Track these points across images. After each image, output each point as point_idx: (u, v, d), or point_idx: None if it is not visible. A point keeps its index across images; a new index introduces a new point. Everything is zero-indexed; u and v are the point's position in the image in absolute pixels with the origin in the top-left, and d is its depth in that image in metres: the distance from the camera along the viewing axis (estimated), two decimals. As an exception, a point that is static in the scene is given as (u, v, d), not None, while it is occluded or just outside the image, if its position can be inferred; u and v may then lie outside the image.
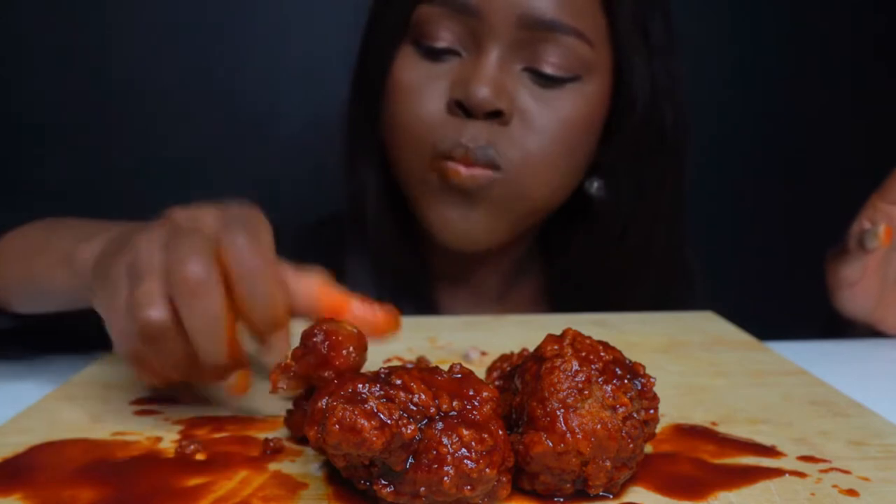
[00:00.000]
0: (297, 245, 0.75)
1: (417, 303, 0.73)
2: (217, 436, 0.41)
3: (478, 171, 0.63)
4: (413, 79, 0.65)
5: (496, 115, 0.63)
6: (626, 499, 0.34)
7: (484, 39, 0.62)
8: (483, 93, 0.61)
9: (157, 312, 0.38)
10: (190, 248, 0.38)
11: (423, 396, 0.31)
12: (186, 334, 0.38)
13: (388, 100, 0.67)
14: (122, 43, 1.15)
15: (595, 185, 0.72)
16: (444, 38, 0.63)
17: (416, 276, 0.75)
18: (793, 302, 0.76)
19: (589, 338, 0.35)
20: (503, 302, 0.77)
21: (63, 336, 0.60)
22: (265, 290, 0.39)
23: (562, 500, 0.34)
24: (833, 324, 0.68)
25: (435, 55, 0.64)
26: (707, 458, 0.38)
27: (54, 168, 1.17)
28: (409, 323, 0.65)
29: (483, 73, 0.62)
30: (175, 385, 0.43)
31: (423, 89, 0.65)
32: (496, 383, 0.39)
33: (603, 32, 0.65)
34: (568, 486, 0.33)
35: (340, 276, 0.75)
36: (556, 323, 0.65)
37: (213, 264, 0.38)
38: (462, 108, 0.63)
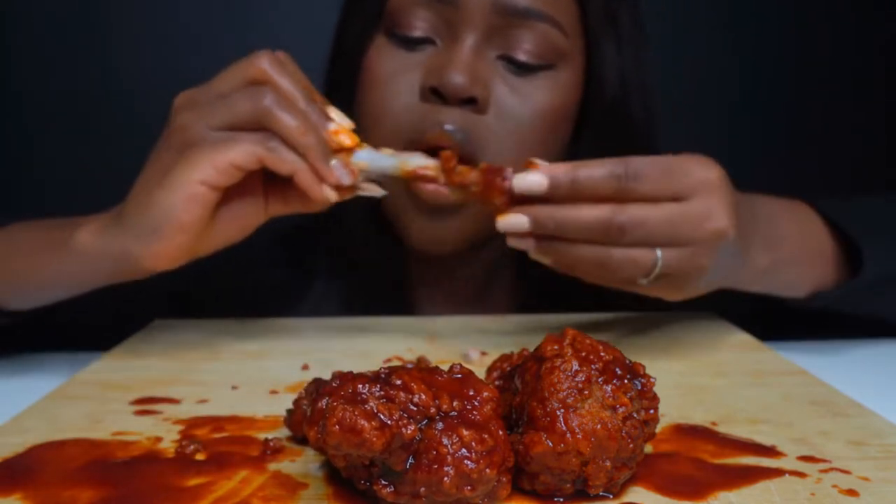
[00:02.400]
0: (270, 251, 0.74)
1: (392, 306, 0.72)
2: (217, 436, 0.41)
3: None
4: (386, 68, 0.64)
5: (471, 102, 0.62)
6: (626, 499, 0.34)
7: (458, 27, 0.62)
8: (459, 79, 0.60)
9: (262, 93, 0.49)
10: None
11: (423, 397, 0.31)
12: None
13: (361, 90, 0.66)
14: (122, 43, 1.15)
15: None
16: (419, 27, 0.63)
17: (391, 279, 0.74)
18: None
19: (589, 338, 0.35)
20: (479, 304, 0.76)
21: (57, 332, 0.60)
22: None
23: (562, 500, 0.34)
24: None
25: (409, 44, 0.64)
26: (707, 458, 0.38)
27: (54, 168, 1.17)
28: (409, 323, 0.66)
29: (458, 59, 0.61)
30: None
31: (396, 79, 0.64)
32: (496, 383, 0.39)
33: (575, 21, 0.65)
34: (568, 486, 0.33)
35: (313, 280, 0.75)
36: (556, 323, 0.65)
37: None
38: (437, 95, 0.62)
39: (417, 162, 0.52)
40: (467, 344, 0.58)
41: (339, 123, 0.51)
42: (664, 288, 0.52)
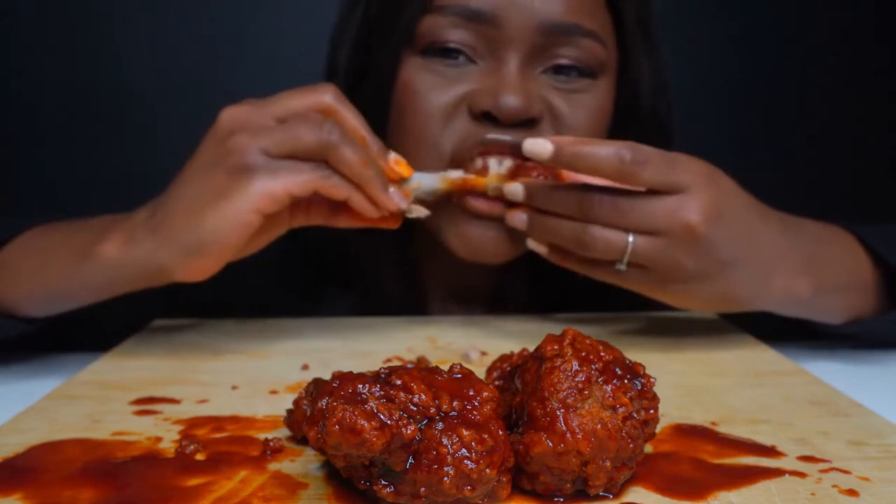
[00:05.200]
0: (280, 268, 0.73)
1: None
2: (217, 436, 0.41)
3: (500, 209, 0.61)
4: (426, 83, 0.63)
5: (528, 123, 0.61)
6: (626, 499, 0.34)
7: (502, 47, 0.61)
8: (514, 102, 0.59)
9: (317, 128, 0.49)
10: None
11: (423, 397, 0.31)
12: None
13: (398, 111, 0.64)
14: (122, 43, 1.15)
15: None
16: (456, 47, 0.62)
17: (404, 295, 0.73)
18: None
19: (589, 338, 0.35)
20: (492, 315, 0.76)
21: (72, 333, 0.60)
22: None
23: (562, 500, 0.34)
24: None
25: (447, 64, 0.62)
26: (707, 458, 0.38)
27: (53, 169, 1.17)
28: (409, 323, 0.66)
29: (510, 81, 0.60)
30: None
31: (438, 92, 0.62)
32: (496, 383, 0.39)
33: (610, 32, 0.66)
34: (568, 486, 0.33)
35: (321, 296, 0.74)
36: (556, 323, 0.65)
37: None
38: (489, 118, 0.61)
39: (459, 174, 0.58)
40: (467, 344, 0.58)
41: (396, 156, 0.55)
42: (647, 282, 0.54)
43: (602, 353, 0.34)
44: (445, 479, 0.30)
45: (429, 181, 0.57)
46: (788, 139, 1.32)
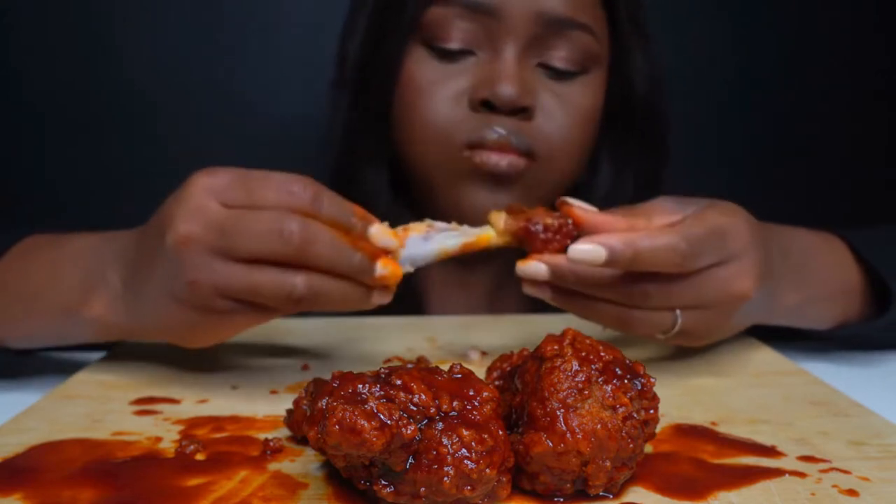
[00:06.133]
0: None
1: (407, 304, 0.72)
2: (217, 436, 0.41)
3: (514, 158, 0.65)
4: (429, 78, 0.66)
5: (522, 111, 0.64)
6: (626, 499, 0.34)
7: (501, 38, 0.64)
8: (510, 91, 0.62)
9: (295, 222, 0.41)
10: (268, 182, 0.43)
11: (423, 397, 0.31)
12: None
13: (403, 101, 0.67)
14: (122, 43, 1.15)
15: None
16: (458, 38, 0.64)
17: (409, 279, 0.74)
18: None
19: (589, 338, 0.35)
20: (494, 302, 0.77)
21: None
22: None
23: (562, 500, 0.34)
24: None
25: (449, 56, 0.65)
26: (707, 458, 0.38)
27: (53, 169, 1.17)
28: (409, 323, 0.66)
29: (507, 71, 0.63)
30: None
31: (441, 90, 0.66)
32: (496, 383, 0.39)
33: (604, 26, 0.68)
34: (568, 486, 0.33)
35: None
36: (556, 323, 0.65)
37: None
38: (487, 106, 0.64)
39: (457, 241, 0.48)
40: (467, 344, 0.58)
41: (384, 265, 0.45)
42: (683, 341, 0.51)
43: (602, 353, 0.34)
44: (445, 479, 0.30)
45: (424, 256, 0.48)
46: (788, 139, 1.32)
